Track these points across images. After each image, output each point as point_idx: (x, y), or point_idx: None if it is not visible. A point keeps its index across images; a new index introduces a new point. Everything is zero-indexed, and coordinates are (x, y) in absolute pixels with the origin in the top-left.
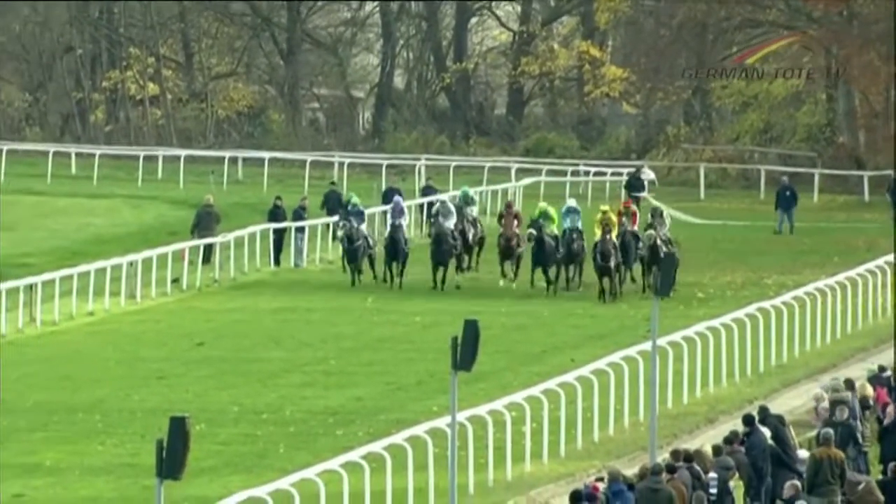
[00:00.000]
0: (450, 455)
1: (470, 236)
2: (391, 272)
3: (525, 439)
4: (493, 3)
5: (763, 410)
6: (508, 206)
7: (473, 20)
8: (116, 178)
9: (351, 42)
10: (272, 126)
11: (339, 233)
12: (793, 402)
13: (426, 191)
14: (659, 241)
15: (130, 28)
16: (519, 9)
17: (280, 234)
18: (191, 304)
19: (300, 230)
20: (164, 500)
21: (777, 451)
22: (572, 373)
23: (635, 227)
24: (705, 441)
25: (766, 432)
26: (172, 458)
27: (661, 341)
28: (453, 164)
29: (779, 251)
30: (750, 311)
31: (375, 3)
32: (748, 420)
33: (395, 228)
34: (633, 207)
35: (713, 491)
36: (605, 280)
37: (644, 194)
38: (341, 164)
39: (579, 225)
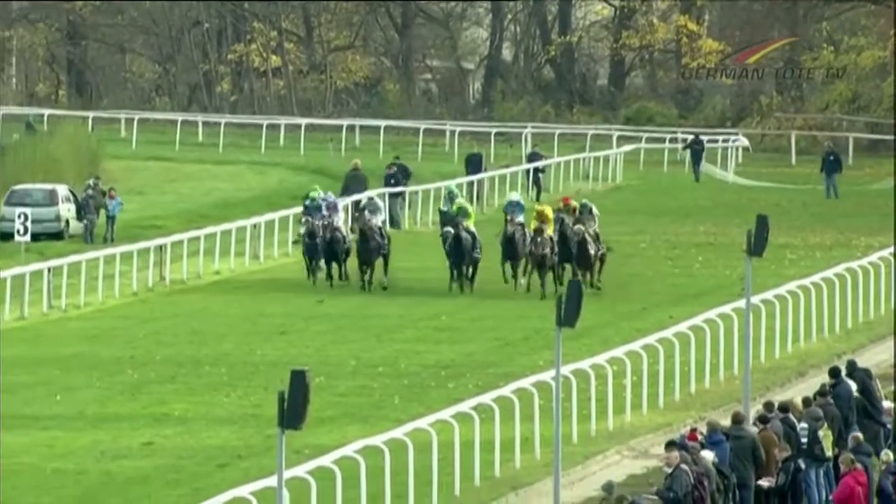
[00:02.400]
0: (554, 406)
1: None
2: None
3: (626, 391)
4: None
5: (851, 364)
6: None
7: None
8: (241, 146)
9: (462, 16)
10: (387, 96)
11: (301, 229)
12: (879, 357)
13: (532, 157)
14: (588, 237)
15: (254, 3)
16: None
17: (396, 197)
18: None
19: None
20: (286, 449)
21: (863, 403)
22: (671, 329)
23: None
24: (796, 393)
25: (853, 385)
26: (293, 409)
27: (755, 299)
28: (558, 132)
29: (866, 213)
30: (838, 271)
31: None
32: (834, 372)
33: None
34: (573, 203)
35: (804, 440)
36: (542, 273)
37: (703, 163)
38: (452, 133)
39: (521, 218)
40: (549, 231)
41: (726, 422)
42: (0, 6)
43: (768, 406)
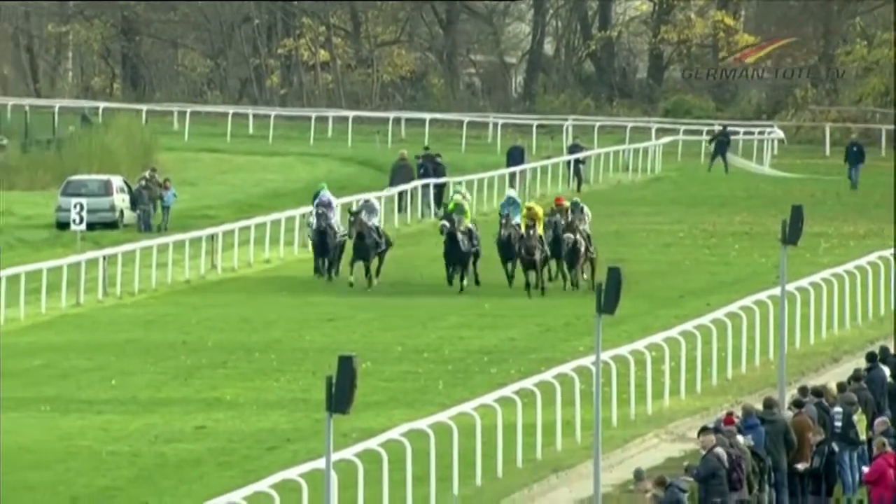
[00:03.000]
0: (594, 391)
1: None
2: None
3: (664, 377)
4: None
5: (884, 350)
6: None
7: None
8: (290, 138)
9: (505, 12)
10: (432, 89)
11: (312, 224)
12: None
13: (573, 149)
14: (579, 237)
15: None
16: None
17: (440, 189)
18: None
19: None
20: (334, 432)
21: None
22: (708, 316)
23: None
24: (830, 378)
25: (886, 370)
26: (341, 393)
27: (790, 287)
28: (598, 124)
29: None
30: (871, 259)
31: None
32: (870, 357)
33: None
34: (566, 204)
35: (838, 424)
36: (531, 274)
37: (728, 154)
38: (495, 125)
39: (517, 219)
40: (540, 230)
41: (761, 406)
42: (57, 3)
43: (803, 391)
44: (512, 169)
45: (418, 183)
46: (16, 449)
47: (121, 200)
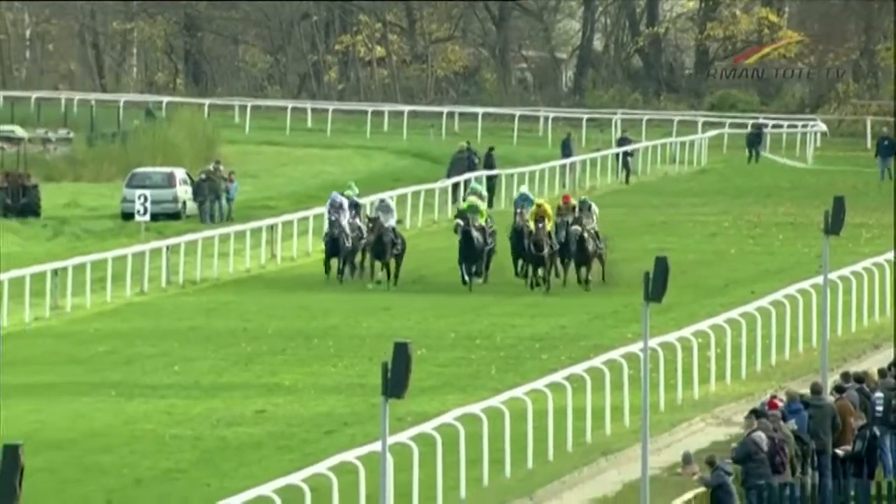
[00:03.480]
0: (642, 376)
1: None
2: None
3: (710, 363)
4: None
5: None
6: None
7: None
8: (347, 131)
9: (555, 9)
10: (485, 84)
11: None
12: None
13: (622, 142)
14: (587, 235)
15: None
16: None
17: (492, 181)
18: (414, 242)
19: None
20: (390, 416)
21: None
22: (752, 304)
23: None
24: (871, 365)
25: None
26: (396, 378)
27: (832, 275)
28: (646, 117)
29: None
30: None
31: None
32: None
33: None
34: (573, 202)
35: (879, 409)
36: (539, 269)
37: (763, 150)
38: (546, 119)
39: (528, 214)
40: (549, 226)
41: (805, 391)
42: (122, 2)
43: (845, 376)
44: (564, 161)
45: (473, 174)
46: (85, 432)
47: (183, 192)
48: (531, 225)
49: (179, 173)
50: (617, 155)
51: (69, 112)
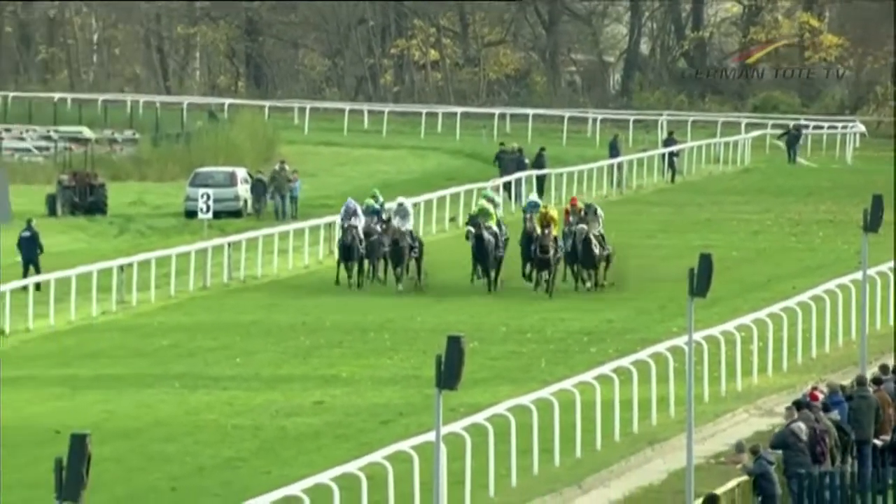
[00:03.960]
0: (687, 369)
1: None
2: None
3: (753, 356)
4: None
5: None
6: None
7: None
8: (402, 132)
9: (603, 14)
10: (535, 87)
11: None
12: None
13: (668, 142)
14: (592, 237)
15: (415, 2)
16: None
17: (542, 180)
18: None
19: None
20: (443, 407)
21: None
22: (794, 298)
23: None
24: None
25: None
26: (450, 371)
27: (871, 271)
28: (691, 118)
29: None
30: None
31: None
32: None
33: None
34: (580, 205)
35: None
36: (544, 272)
37: (798, 151)
38: (594, 120)
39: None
40: (555, 232)
41: (845, 383)
42: (185, 5)
43: (883, 369)
44: (611, 161)
45: (523, 174)
46: (150, 422)
47: (244, 191)
48: (538, 229)
49: (241, 172)
50: (663, 155)
51: (135, 114)
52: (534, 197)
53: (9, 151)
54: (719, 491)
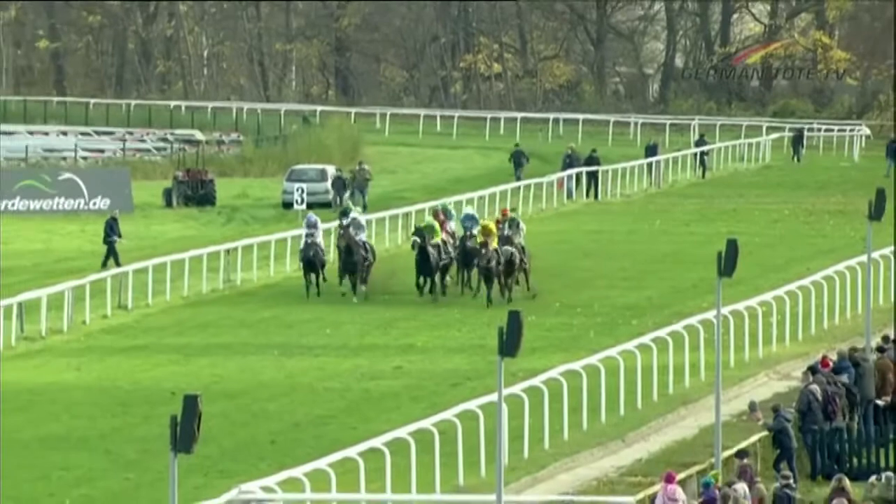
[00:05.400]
0: (716, 339)
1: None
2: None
3: (772, 328)
4: (750, 4)
5: None
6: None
7: (735, 16)
8: (470, 134)
9: (643, 32)
10: (584, 95)
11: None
12: None
13: (699, 143)
14: (514, 251)
15: (481, 22)
16: (769, 7)
17: (595, 176)
18: (526, 227)
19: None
20: (504, 372)
21: None
22: (808, 278)
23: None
24: None
25: None
26: (510, 340)
27: (875, 255)
28: (719, 122)
29: None
30: None
31: (662, 3)
32: None
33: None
34: (510, 214)
35: None
36: (489, 283)
37: (803, 150)
38: (636, 124)
39: (475, 231)
40: (494, 244)
41: (853, 350)
42: (283, 25)
43: (885, 339)
44: (650, 159)
45: (573, 171)
46: (253, 385)
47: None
48: (477, 244)
49: (330, 169)
50: (695, 154)
51: (239, 119)
52: (470, 210)
53: (131, 152)
54: (743, 444)
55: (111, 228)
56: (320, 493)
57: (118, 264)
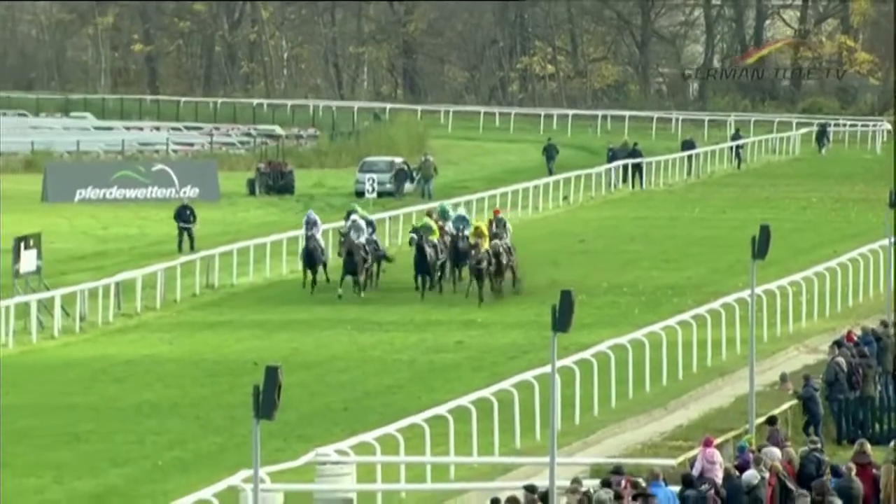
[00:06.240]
0: (750, 316)
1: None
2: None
3: (801, 305)
4: (781, 10)
5: None
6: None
7: (767, 21)
8: (525, 129)
9: (684, 36)
10: (630, 93)
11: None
12: None
13: (734, 137)
14: (501, 250)
15: (536, 27)
16: (798, 13)
17: (638, 167)
18: (577, 214)
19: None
20: (557, 346)
21: None
22: (834, 260)
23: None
24: None
25: None
26: (563, 317)
27: None
28: (753, 119)
29: None
30: None
31: (701, 9)
32: None
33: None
34: (501, 215)
35: None
36: (480, 282)
37: (828, 144)
38: (677, 120)
39: (466, 232)
40: (485, 245)
41: (874, 325)
42: (355, 30)
43: None
44: (688, 152)
45: (618, 163)
46: (327, 357)
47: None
48: (471, 243)
49: (398, 161)
50: (731, 147)
51: (316, 115)
52: (462, 212)
53: (218, 145)
54: (775, 412)
55: (185, 215)
56: (389, 455)
57: (193, 249)
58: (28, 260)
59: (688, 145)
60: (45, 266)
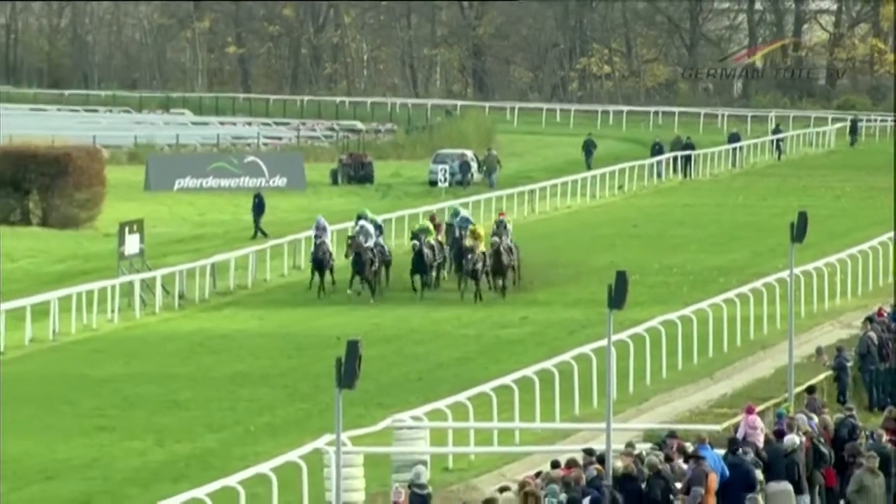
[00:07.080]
0: (789, 294)
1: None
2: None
3: (836, 285)
4: (818, 15)
5: None
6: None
7: (805, 25)
8: (583, 124)
9: (729, 39)
10: (680, 91)
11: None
12: None
13: (775, 131)
14: (502, 249)
15: (594, 31)
16: (834, 18)
17: (687, 158)
18: (631, 202)
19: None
20: (613, 322)
21: None
22: (866, 244)
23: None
24: None
25: None
26: (618, 295)
27: None
28: (792, 114)
29: None
30: None
31: (745, 14)
32: None
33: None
34: (506, 220)
35: None
36: (474, 283)
37: (859, 138)
38: (722, 116)
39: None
40: (482, 247)
41: None
42: (429, 33)
43: None
44: (733, 145)
45: (668, 155)
46: (404, 331)
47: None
48: (469, 244)
49: (468, 153)
50: (772, 141)
51: (393, 112)
52: (465, 213)
53: (304, 139)
54: (812, 381)
55: (259, 206)
56: (460, 422)
57: (265, 235)
58: (132, 243)
59: (734, 138)
60: (147, 249)
